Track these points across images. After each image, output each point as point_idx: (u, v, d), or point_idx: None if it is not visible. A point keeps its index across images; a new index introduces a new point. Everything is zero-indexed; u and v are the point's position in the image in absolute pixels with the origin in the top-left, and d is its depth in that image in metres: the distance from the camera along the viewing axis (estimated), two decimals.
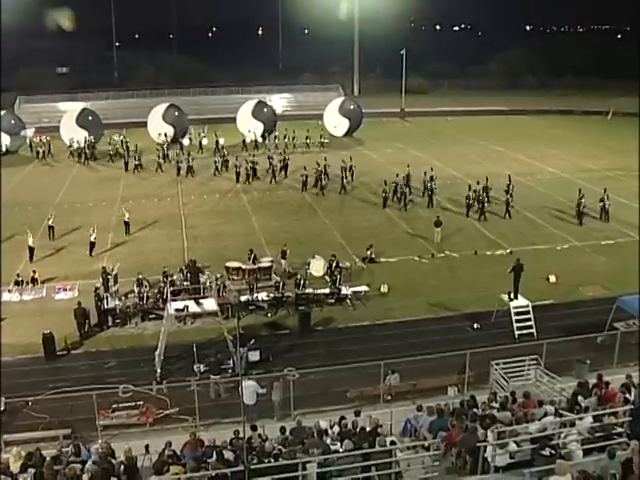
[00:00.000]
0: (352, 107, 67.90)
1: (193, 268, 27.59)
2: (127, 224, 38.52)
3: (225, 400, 21.51)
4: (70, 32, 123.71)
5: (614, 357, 22.59)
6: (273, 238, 37.04)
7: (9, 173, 51.44)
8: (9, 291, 30.23)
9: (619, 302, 25.43)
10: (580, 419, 15.35)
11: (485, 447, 14.06)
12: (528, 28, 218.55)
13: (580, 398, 16.96)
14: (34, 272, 31.29)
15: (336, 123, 65.07)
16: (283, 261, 32.60)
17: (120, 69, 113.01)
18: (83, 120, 60.82)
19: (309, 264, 31.56)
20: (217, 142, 59.30)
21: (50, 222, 37.53)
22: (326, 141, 63.20)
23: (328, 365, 22.69)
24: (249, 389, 20.20)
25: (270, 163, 51.01)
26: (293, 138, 61.85)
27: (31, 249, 34.33)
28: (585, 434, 14.55)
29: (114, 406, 20.96)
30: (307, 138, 62.06)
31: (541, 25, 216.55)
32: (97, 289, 28.00)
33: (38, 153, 59.30)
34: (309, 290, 29.39)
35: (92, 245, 35.07)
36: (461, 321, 27.55)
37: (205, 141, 61.07)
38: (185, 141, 61.07)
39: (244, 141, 61.25)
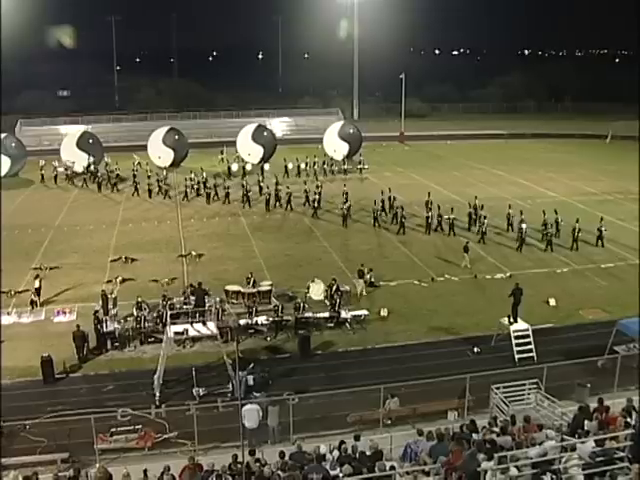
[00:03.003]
0: (352, 131, 68.00)
1: (199, 291, 27.63)
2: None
3: (224, 424, 21.38)
4: (71, 56, 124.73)
5: (615, 381, 22.50)
6: (273, 261, 37.07)
7: (10, 196, 51.51)
8: (8, 313, 30.20)
9: (619, 325, 25.41)
10: (581, 443, 15.26)
11: (486, 472, 13.95)
12: (527, 52, 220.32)
13: (581, 422, 16.87)
14: (33, 295, 31.24)
15: (336, 147, 65.15)
16: (360, 281, 32.27)
17: (121, 92, 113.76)
18: (84, 143, 61.01)
19: (309, 287, 31.56)
20: (244, 168, 59.57)
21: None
22: (366, 167, 63.16)
23: (328, 389, 22.60)
24: (253, 412, 20.08)
25: (245, 188, 50.54)
26: (306, 165, 61.59)
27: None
28: (586, 459, 14.45)
29: (112, 430, 20.82)
30: (315, 164, 61.53)
31: (539, 49, 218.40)
32: (96, 312, 27.92)
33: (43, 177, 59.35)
34: (308, 314, 29.29)
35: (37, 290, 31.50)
36: (461, 345, 27.47)
37: (235, 167, 61.00)
38: (234, 167, 60.73)
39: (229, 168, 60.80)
